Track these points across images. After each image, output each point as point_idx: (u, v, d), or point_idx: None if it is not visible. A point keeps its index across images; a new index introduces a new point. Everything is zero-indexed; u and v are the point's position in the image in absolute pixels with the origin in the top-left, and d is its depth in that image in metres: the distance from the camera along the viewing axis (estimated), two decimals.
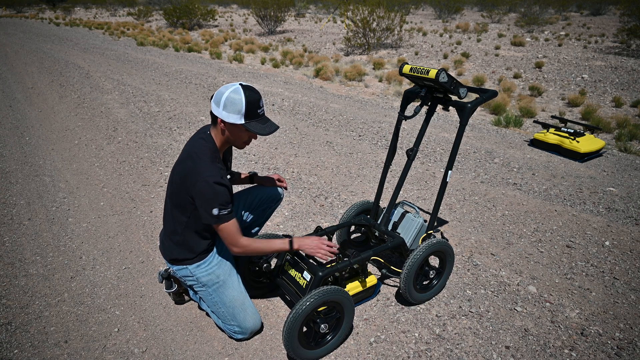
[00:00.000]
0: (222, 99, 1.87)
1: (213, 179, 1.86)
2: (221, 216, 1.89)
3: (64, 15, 33.76)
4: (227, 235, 1.94)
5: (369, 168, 4.30)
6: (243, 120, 1.88)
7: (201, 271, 2.10)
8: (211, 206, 1.87)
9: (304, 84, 8.50)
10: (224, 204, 1.89)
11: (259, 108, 1.91)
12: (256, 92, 1.91)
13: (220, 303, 2.10)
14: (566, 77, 8.78)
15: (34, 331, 2.21)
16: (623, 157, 4.76)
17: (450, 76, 2.13)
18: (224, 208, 1.89)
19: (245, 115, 1.87)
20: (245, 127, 1.89)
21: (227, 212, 1.90)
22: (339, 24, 21.22)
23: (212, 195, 1.86)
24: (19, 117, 6.09)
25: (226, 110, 1.87)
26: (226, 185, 1.90)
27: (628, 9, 15.55)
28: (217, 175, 1.88)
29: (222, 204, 1.88)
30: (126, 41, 15.90)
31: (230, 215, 1.91)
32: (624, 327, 2.27)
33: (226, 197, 1.90)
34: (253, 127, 1.90)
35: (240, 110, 1.86)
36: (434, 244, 2.28)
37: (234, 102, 1.85)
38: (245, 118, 1.88)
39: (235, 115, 1.87)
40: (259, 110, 1.92)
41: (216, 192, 1.86)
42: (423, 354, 2.08)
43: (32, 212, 3.43)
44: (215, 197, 1.86)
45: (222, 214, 1.89)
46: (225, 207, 1.89)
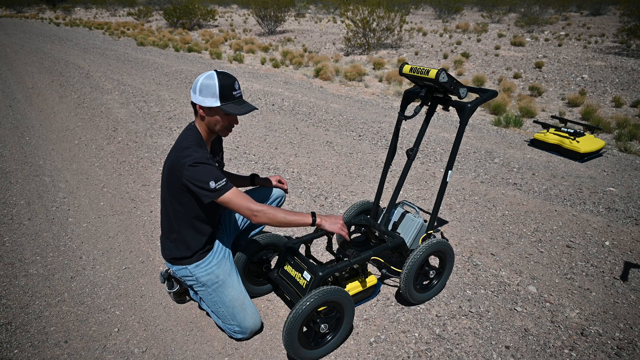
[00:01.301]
0: (197, 85, 1.92)
1: (199, 160, 1.89)
2: (220, 187, 1.89)
3: (64, 15, 33.77)
4: (238, 204, 1.91)
5: (369, 168, 4.30)
6: (219, 103, 1.91)
7: (200, 271, 2.10)
8: (206, 182, 1.88)
9: (304, 84, 8.50)
10: (217, 176, 1.90)
11: (234, 90, 1.94)
12: (230, 76, 1.95)
13: (220, 303, 2.10)
14: (566, 77, 8.78)
15: (34, 331, 2.21)
16: (623, 157, 4.76)
17: (450, 76, 2.13)
18: (219, 180, 1.90)
19: (220, 97, 1.90)
20: (221, 108, 1.92)
21: (224, 183, 1.90)
22: (339, 24, 21.23)
23: (203, 174, 1.88)
24: (19, 117, 6.09)
25: (202, 95, 1.91)
26: (213, 165, 1.93)
27: (628, 9, 15.56)
28: (203, 157, 1.91)
29: (215, 176, 1.89)
30: (126, 41, 15.90)
31: (228, 184, 1.91)
32: (624, 327, 2.27)
33: (216, 172, 1.91)
34: (229, 108, 1.92)
35: (215, 93, 1.90)
36: (434, 244, 2.28)
37: (208, 86, 1.89)
38: (220, 100, 1.91)
39: (210, 98, 1.91)
40: (234, 92, 1.94)
41: (206, 170, 1.89)
42: (423, 354, 2.08)
43: (32, 212, 3.43)
44: (206, 173, 1.89)
45: (221, 185, 1.89)
46: (219, 179, 1.90)
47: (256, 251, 2.32)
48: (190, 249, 2.10)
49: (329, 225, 2.02)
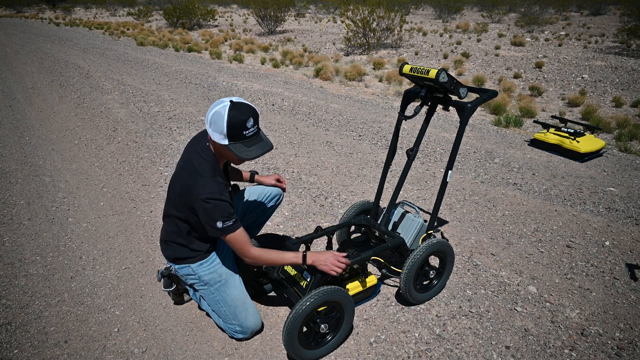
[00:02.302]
0: (209, 116, 1.81)
1: (212, 195, 1.83)
2: (226, 228, 1.86)
3: (64, 15, 33.76)
4: (236, 246, 1.91)
5: (369, 168, 4.30)
6: (227, 142, 1.80)
7: (203, 270, 2.10)
8: (214, 220, 1.84)
9: (304, 84, 8.50)
10: (227, 215, 1.86)
11: (245, 129, 1.80)
12: (245, 111, 1.80)
13: (222, 302, 2.10)
14: (566, 77, 8.78)
15: (34, 331, 2.21)
16: (623, 157, 4.76)
17: (450, 76, 2.13)
18: (228, 220, 1.86)
19: (228, 136, 1.78)
20: (229, 148, 1.81)
21: (231, 223, 1.87)
22: (339, 24, 21.23)
23: (213, 211, 1.84)
24: (19, 117, 6.09)
25: (211, 128, 1.82)
26: (226, 200, 1.87)
27: (628, 9, 15.57)
28: (216, 191, 1.85)
29: (225, 216, 1.85)
30: (126, 41, 15.90)
31: (235, 225, 1.88)
32: (624, 327, 2.27)
33: (228, 210, 1.86)
34: (236, 150, 1.81)
35: (222, 131, 1.78)
36: (434, 244, 2.28)
37: (217, 122, 1.78)
38: (228, 139, 1.80)
39: (218, 135, 1.80)
40: (246, 131, 1.80)
41: (217, 207, 1.84)
42: (423, 354, 2.08)
43: (32, 212, 3.43)
44: (216, 211, 1.84)
45: (227, 226, 1.86)
46: (228, 218, 1.86)
47: None
48: (195, 251, 2.10)
49: (322, 266, 1.96)
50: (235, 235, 1.89)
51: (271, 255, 1.95)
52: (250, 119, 1.80)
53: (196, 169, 1.91)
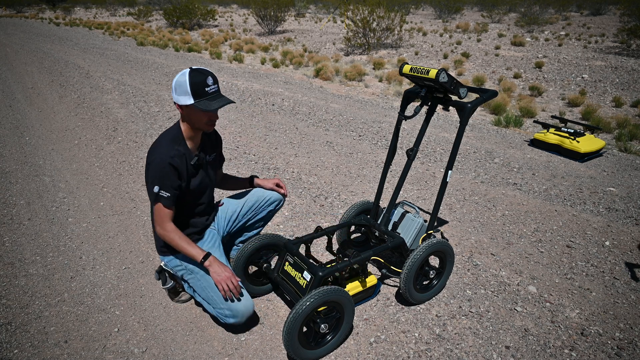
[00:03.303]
0: (174, 84, 1.98)
1: (162, 157, 1.96)
2: (159, 196, 1.97)
3: (64, 15, 33.76)
4: (156, 215, 2.03)
5: (369, 168, 4.30)
6: (192, 100, 1.95)
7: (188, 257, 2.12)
8: (153, 183, 1.97)
9: (304, 84, 8.50)
10: (167, 187, 1.97)
11: (206, 86, 1.96)
12: (203, 72, 1.97)
13: (209, 288, 2.11)
14: (566, 77, 8.78)
15: (34, 331, 2.21)
16: (623, 157, 4.76)
17: (450, 76, 2.13)
18: (164, 190, 1.97)
19: (193, 94, 1.94)
20: (194, 105, 1.95)
21: (165, 196, 1.97)
22: (339, 24, 21.22)
23: (157, 173, 1.96)
24: (19, 117, 6.09)
25: (177, 93, 1.97)
26: (175, 166, 1.98)
27: (628, 9, 15.57)
28: (167, 155, 1.96)
29: (164, 184, 1.96)
30: (126, 41, 15.90)
31: (167, 200, 1.99)
32: (624, 327, 2.27)
33: (170, 180, 1.97)
34: (202, 105, 1.95)
35: (187, 91, 1.94)
36: (434, 244, 2.28)
37: (181, 85, 1.94)
38: (193, 97, 1.94)
39: (184, 96, 1.95)
40: (207, 88, 1.97)
41: (161, 171, 1.95)
42: (423, 354, 2.08)
43: (32, 212, 3.43)
44: (159, 175, 1.96)
45: (160, 195, 1.97)
46: (166, 189, 1.97)
47: (256, 251, 2.32)
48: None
49: (214, 274, 2.03)
50: (161, 207, 2.00)
51: (178, 239, 2.04)
52: (209, 77, 1.98)
53: (159, 138, 2.07)
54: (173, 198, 2.01)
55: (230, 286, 2.02)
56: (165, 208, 2.01)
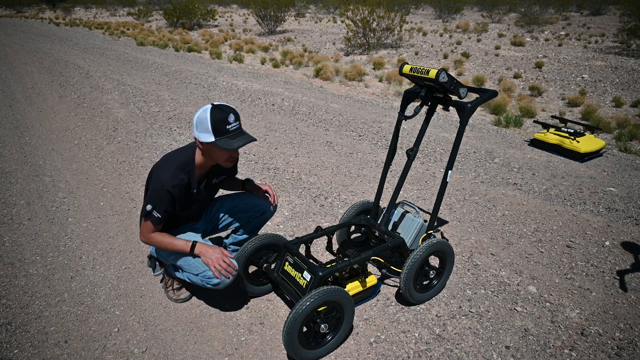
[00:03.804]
0: (194, 120, 2.00)
1: (164, 183, 2.01)
2: (150, 215, 2.04)
3: (64, 15, 33.76)
4: (143, 228, 2.10)
5: (369, 168, 4.30)
6: (213, 138, 1.95)
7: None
8: (147, 202, 2.05)
9: (304, 84, 8.50)
10: (160, 209, 2.04)
11: (227, 124, 1.96)
12: (225, 109, 1.97)
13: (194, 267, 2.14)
14: (566, 77, 8.78)
15: (34, 331, 2.21)
16: (623, 157, 4.76)
17: (450, 76, 2.13)
18: (157, 211, 2.04)
19: (214, 132, 1.94)
20: (215, 144, 1.96)
21: (156, 216, 2.04)
22: (339, 24, 21.22)
23: (155, 195, 2.03)
24: (19, 117, 6.09)
25: (197, 130, 1.98)
26: (174, 195, 2.04)
27: (628, 9, 15.56)
28: (170, 183, 2.01)
29: (158, 206, 2.03)
30: (126, 41, 15.90)
31: (157, 220, 2.05)
32: (624, 327, 2.27)
33: (164, 204, 2.03)
34: (222, 144, 1.96)
35: (208, 129, 1.94)
36: (434, 244, 2.28)
37: (202, 122, 1.95)
38: (215, 135, 1.95)
39: (206, 134, 1.96)
40: (229, 126, 1.97)
41: (159, 195, 2.02)
42: (423, 354, 2.08)
43: (32, 212, 3.43)
44: (156, 197, 2.03)
45: (152, 214, 2.04)
46: (158, 210, 2.04)
47: (256, 251, 2.32)
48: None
49: (205, 259, 2.07)
50: (151, 225, 2.08)
51: (164, 241, 2.11)
52: (230, 114, 1.98)
53: (168, 159, 2.11)
54: (163, 220, 2.08)
55: (223, 265, 2.06)
56: (153, 225, 2.08)
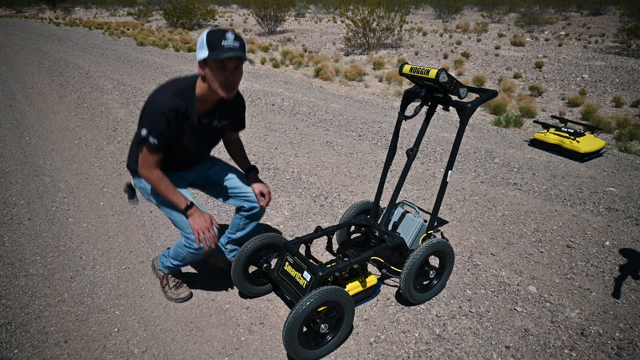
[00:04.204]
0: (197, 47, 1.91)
1: (158, 104, 1.88)
2: (146, 141, 1.90)
3: (64, 15, 33.76)
4: (142, 158, 1.97)
5: (369, 168, 4.30)
6: (206, 52, 1.84)
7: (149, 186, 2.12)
8: (143, 125, 1.91)
9: (304, 84, 8.50)
10: (156, 134, 1.90)
11: (224, 40, 1.83)
12: (226, 30, 1.87)
13: (174, 214, 2.14)
14: (566, 77, 8.78)
15: (34, 331, 2.21)
16: (623, 157, 4.76)
17: (450, 76, 2.13)
18: (153, 137, 1.90)
19: (209, 47, 1.83)
20: (209, 57, 1.83)
21: (152, 142, 1.91)
22: (339, 23, 21.22)
23: (149, 117, 1.90)
24: (19, 117, 6.09)
25: (197, 52, 1.89)
26: (168, 117, 1.89)
27: (628, 9, 15.57)
28: (164, 104, 1.88)
29: (154, 130, 1.89)
30: (126, 41, 15.90)
31: (153, 147, 1.92)
32: (624, 327, 2.27)
33: (160, 128, 1.90)
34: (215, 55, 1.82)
35: (203, 44, 1.84)
36: (434, 244, 2.28)
37: (200, 41, 1.87)
38: (208, 50, 1.83)
39: (201, 51, 1.86)
40: (225, 42, 1.83)
41: (154, 117, 1.89)
42: (423, 354, 2.08)
43: (32, 212, 3.43)
44: (151, 119, 1.89)
45: (148, 141, 1.90)
46: (154, 135, 1.90)
47: (256, 251, 2.32)
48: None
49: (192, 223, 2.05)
50: (149, 154, 1.94)
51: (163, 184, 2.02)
52: (229, 32, 1.85)
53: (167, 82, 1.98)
54: (160, 147, 1.95)
55: (207, 235, 2.05)
56: (150, 154, 1.95)
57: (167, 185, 2.04)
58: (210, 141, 2.24)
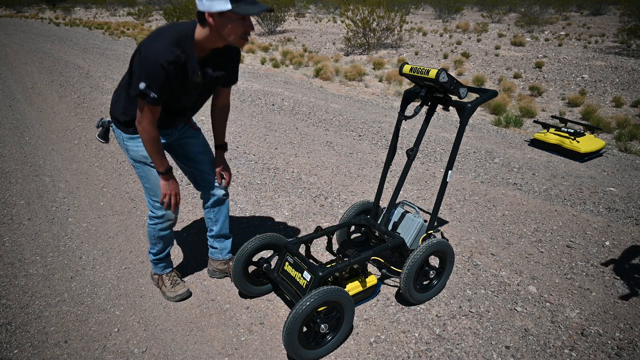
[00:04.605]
0: None
1: (157, 56, 1.74)
2: (145, 95, 1.78)
3: (64, 15, 33.76)
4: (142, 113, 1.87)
5: (369, 168, 4.30)
6: (229, 5, 1.67)
7: (132, 145, 2.09)
8: (140, 79, 1.77)
9: (304, 84, 8.50)
10: (155, 88, 1.78)
11: None
12: None
13: (145, 179, 2.17)
14: (566, 77, 8.78)
15: (34, 331, 2.21)
16: (623, 157, 4.76)
17: (450, 76, 2.13)
18: (152, 90, 1.78)
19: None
20: (233, 10, 1.68)
21: (152, 96, 1.79)
22: (339, 23, 21.22)
23: (147, 69, 1.76)
24: (19, 117, 6.09)
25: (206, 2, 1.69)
26: (167, 71, 1.77)
27: (628, 9, 15.57)
28: (163, 57, 1.74)
29: (153, 83, 1.77)
30: (126, 41, 15.90)
31: (152, 100, 1.80)
32: (624, 327, 2.27)
33: (159, 82, 1.78)
34: (242, 9, 1.69)
35: None
36: (434, 244, 2.28)
37: None
38: (231, 2, 1.67)
39: (218, 2, 1.67)
40: None
41: (153, 69, 1.75)
42: (423, 354, 2.08)
43: (32, 212, 3.43)
44: (150, 72, 1.76)
45: (147, 94, 1.78)
46: (153, 89, 1.78)
47: (256, 251, 2.32)
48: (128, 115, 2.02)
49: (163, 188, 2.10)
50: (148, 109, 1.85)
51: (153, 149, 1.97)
52: None
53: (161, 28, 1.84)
54: (159, 101, 1.84)
55: (173, 200, 2.13)
56: (150, 109, 1.85)
57: (158, 146, 1.98)
58: (204, 94, 2.12)
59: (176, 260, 2.79)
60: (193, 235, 3.08)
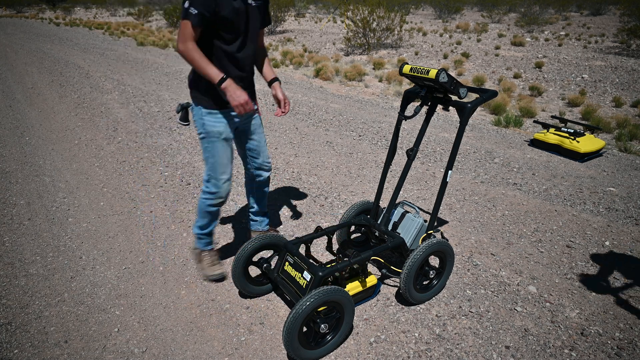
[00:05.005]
0: None
1: None
2: (188, 12, 1.96)
3: (64, 15, 33.76)
4: (181, 31, 2.01)
5: (369, 168, 4.30)
6: None
7: (210, 120, 2.21)
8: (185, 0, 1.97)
9: (304, 84, 8.50)
10: (198, 4, 1.95)
11: None
12: None
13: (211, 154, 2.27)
14: (566, 77, 8.78)
15: (34, 331, 2.21)
16: (623, 157, 4.76)
17: (450, 76, 2.13)
18: (195, 6, 1.95)
19: None
20: None
21: (194, 12, 1.95)
22: (339, 24, 21.22)
23: None
24: (19, 117, 6.09)
25: None
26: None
27: (628, 9, 15.58)
28: None
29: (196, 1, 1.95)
30: (126, 41, 15.90)
31: (195, 17, 1.96)
32: (624, 327, 2.27)
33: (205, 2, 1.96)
34: None
35: None
36: (434, 244, 2.29)
37: None
38: None
39: None
40: None
41: None
42: (423, 354, 2.08)
43: (32, 212, 3.43)
44: None
45: (190, 11, 1.95)
46: (196, 6, 1.95)
47: (256, 251, 2.32)
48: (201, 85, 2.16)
49: (230, 98, 2.06)
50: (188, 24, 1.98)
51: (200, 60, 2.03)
52: None
53: None
54: (200, 17, 1.97)
55: (246, 108, 2.09)
56: (189, 26, 1.97)
57: (203, 58, 2.04)
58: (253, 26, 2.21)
59: (176, 259, 2.79)
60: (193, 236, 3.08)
